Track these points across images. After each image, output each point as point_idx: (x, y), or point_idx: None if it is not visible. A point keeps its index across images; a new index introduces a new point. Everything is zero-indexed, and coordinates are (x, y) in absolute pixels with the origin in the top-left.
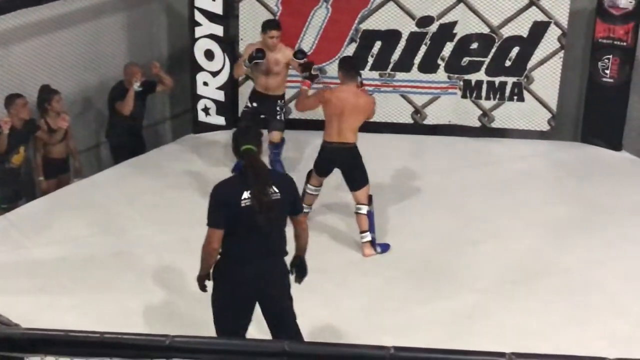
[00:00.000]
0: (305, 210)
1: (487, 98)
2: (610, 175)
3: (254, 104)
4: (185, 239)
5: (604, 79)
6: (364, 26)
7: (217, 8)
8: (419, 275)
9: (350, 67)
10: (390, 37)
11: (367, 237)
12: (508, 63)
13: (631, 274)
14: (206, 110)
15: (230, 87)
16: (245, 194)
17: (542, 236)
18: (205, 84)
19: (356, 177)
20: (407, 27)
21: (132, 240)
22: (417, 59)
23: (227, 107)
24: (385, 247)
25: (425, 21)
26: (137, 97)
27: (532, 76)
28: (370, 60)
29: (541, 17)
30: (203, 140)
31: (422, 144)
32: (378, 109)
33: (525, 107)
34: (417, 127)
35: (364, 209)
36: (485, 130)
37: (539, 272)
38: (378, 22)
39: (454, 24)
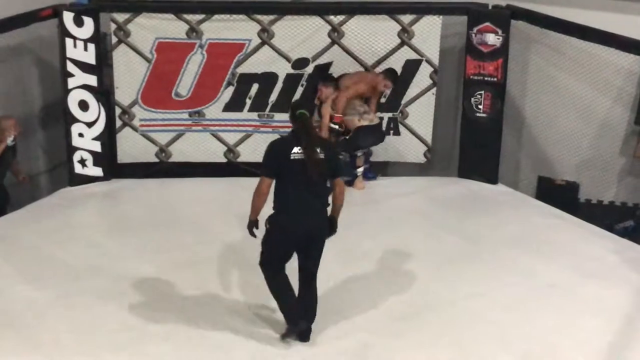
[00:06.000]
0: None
1: None
2: (488, 208)
3: None
4: (65, 294)
5: (478, 114)
6: (241, 70)
7: (90, 58)
8: None
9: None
10: (267, 79)
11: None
12: (383, 100)
13: (512, 304)
14: (82, 161)
15: (107, 137)
16: (296, 149)
17: (427, 270)
18: (81, 135)
19: None
20: (283, 69)
21: (9, 298)
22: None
23: (104, 158)
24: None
25: (300, 63)
26: (8, 149)
27: (406, 111)
28: (248, 102)
29: (413, 56)
30: (80, 193)
31: None
32: (253, 150)
33: (402, 141)
34: None
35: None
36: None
37: (425, 306)
38: (254, 65)
39: (329, 64)
